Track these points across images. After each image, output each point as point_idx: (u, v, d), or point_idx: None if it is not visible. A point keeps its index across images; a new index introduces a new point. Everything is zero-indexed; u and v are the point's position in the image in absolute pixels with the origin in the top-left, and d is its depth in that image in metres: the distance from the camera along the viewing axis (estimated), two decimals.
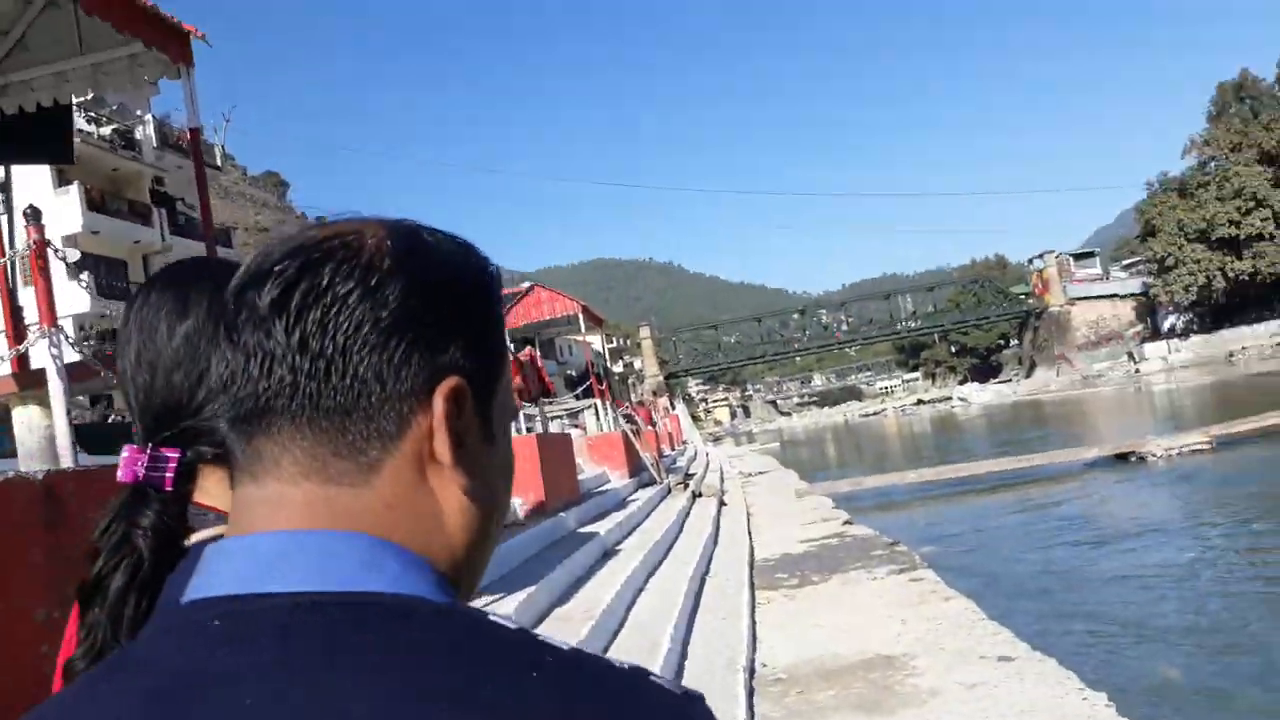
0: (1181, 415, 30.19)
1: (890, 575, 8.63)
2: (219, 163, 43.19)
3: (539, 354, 15.64)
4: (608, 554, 8.81)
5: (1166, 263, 77.73)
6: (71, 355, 4.10)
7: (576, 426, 19.69)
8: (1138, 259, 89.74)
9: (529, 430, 12.67)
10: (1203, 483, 15.77)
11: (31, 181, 31.38)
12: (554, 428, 15.84)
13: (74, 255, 32.61)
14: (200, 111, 5.40)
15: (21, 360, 5.21)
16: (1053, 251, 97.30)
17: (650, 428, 23.25)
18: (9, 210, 5.34)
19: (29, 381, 4.83)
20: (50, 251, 5.64)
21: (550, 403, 16.00)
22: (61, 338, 3.72)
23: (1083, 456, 20.25)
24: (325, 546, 0.55)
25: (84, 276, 4.08)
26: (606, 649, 5.79)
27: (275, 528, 0.56)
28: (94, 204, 32.57)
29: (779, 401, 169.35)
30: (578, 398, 19.51)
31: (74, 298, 28.36)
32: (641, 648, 5.61)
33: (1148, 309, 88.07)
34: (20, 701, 2.88)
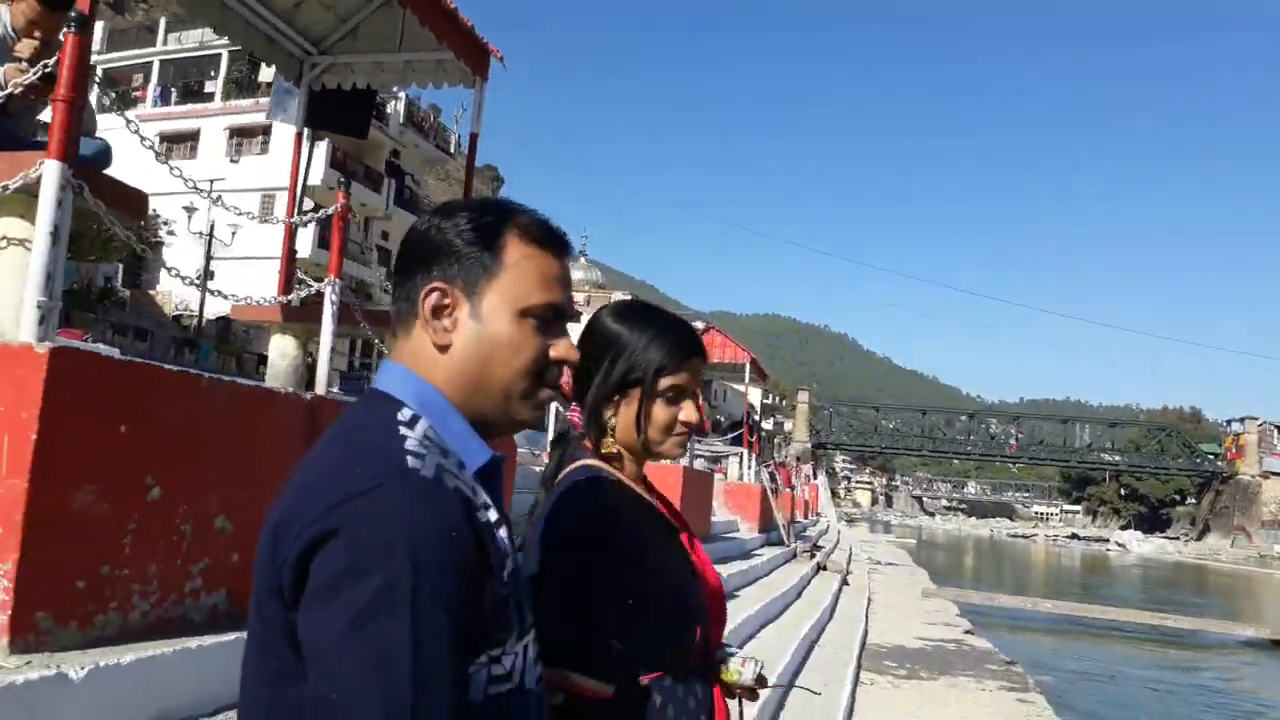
0: None
1: (1000, 690, 8.61)
2: (451, 149, 46.17)
3: (718, 397, 16.16)
4: (728, 595, 9.17)
5: None
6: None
7: (718, 470, 20.06)
8: None
9: (692, 459, 13.17)
10: None
11: (290, 135, 34.57)
12: (697, 465, 16.26)
13: (308, 204, 35.81)
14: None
15: (287, 287, 6.10)
16: (1255, 418, 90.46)
17: (789, 490, 23.33)
18: (307, 168, 6.25)
19: (292, 316, 5.70)
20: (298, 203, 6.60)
21: (700, 441, 16.46)
22: (336, 286, 4.45)
23: (1238, 633, 19.00)
24: (388, 368, 1.13)
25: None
26: None
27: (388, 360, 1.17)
28: (336, 162, 35.48)
29: (925, 499, 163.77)
30: (727, 443, 19.88)
31: (301, 244, 31.23)
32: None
33: None
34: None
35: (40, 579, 2.69)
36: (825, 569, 16.30)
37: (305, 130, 6.53)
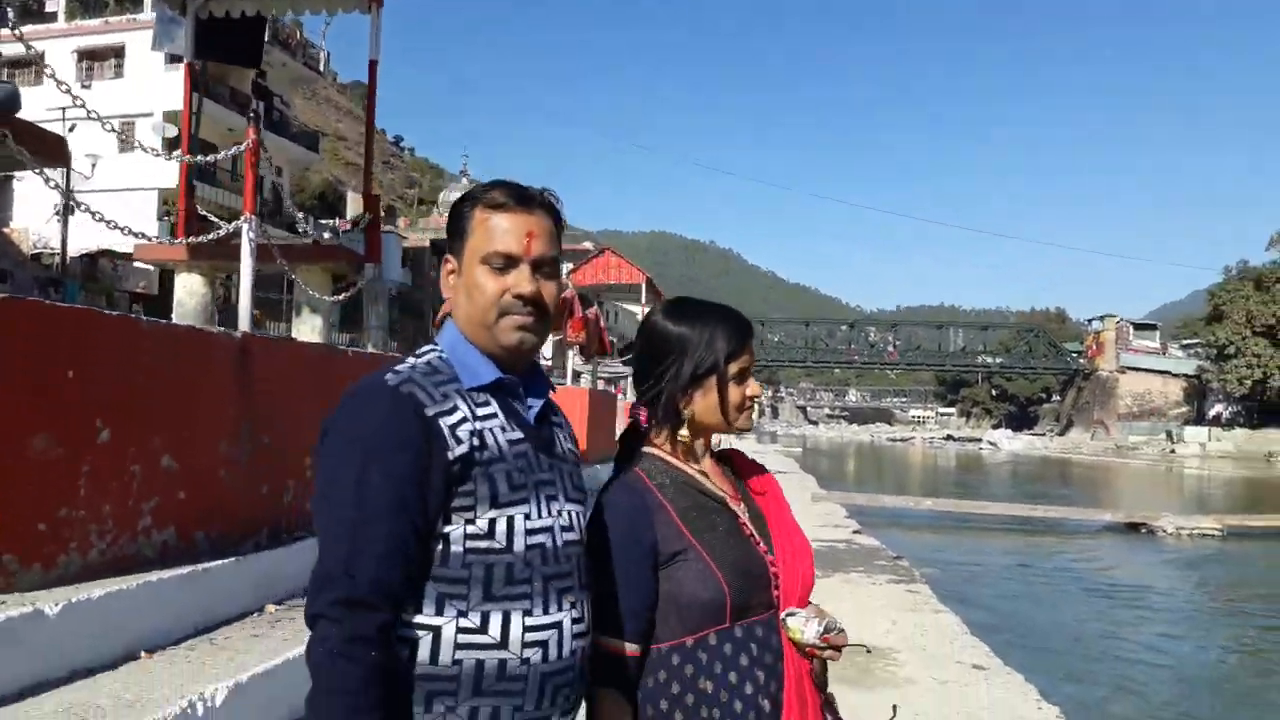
0: (1208, 502, 30.28)
1: (889, 583, 9.30)
2: (320, 68, 44.20)
3: (609, 317, 16.39)
4: None
5: (1226, 350, 76.61)
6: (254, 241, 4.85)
7: (616, 390, 20.45)
8: (1198, 341, 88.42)
9: (592, 382, 13.45)
10: (1203, 565, 16.21)
11: (148, 57, 32.65)
12: (598, 386, 16.53)
13: (171, 132, 33.89)
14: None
15: (186, 228, 6.00)
16: (1114, 316, 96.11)
17: None
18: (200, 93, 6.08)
19: (200, 254, 5.64)
20: (150, 127, 6.42)
21: (602, 363, 16.73)
22: (253, 223, 4.47)
23: (1097, 518, 20.67)
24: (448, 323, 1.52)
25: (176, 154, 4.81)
26: None
27: None
28: (198, 84, 33.61)
29: (809, 409, 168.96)
30: (625, 364, 20.23)
31: (162, 172, 29.64)
32: None
33: (1197, 392, 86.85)
34: (207, 505, 3.68)
35: (3, 524, 2.77)
36: None
37: (196, 63, 6.33)
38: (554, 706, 1.38)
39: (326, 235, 8.03)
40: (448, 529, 1.33)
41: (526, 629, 1.34)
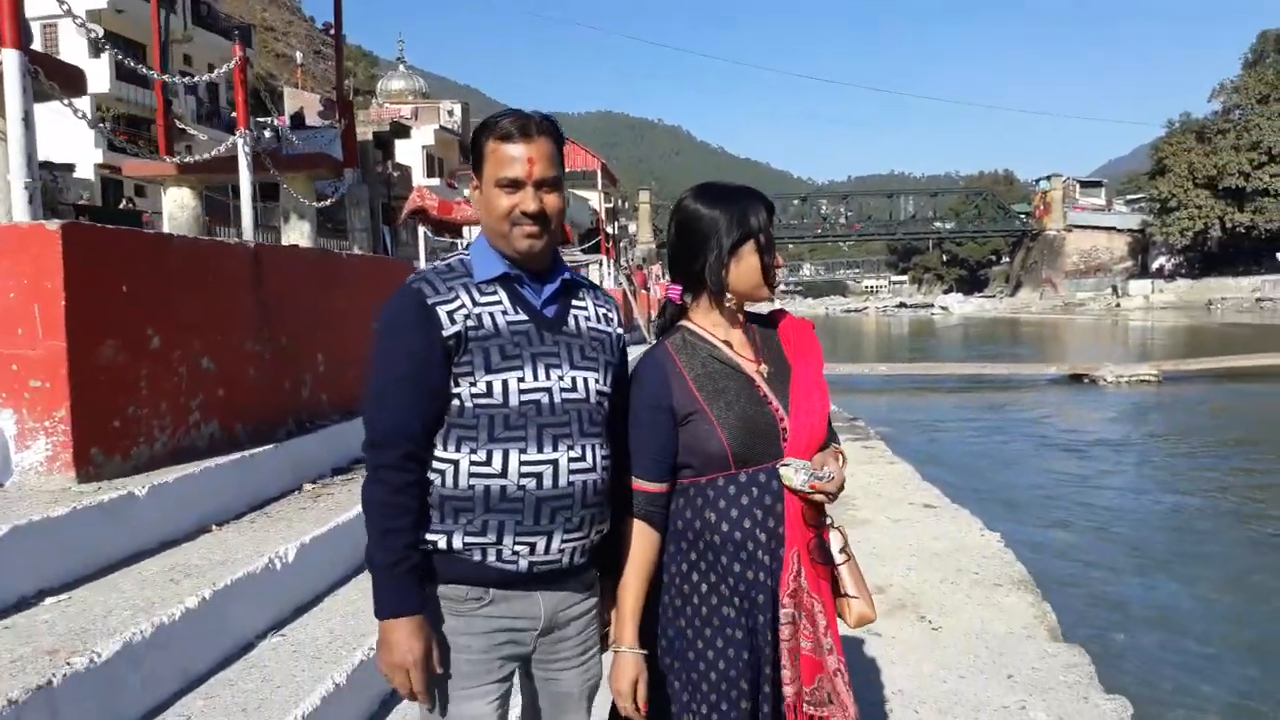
0: (1149, 351, 31.60)
1: (847, 441, 10.00)
2: None
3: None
4: None
5: (1169, 204, 78.08)
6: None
7: None
8: (1141, 196, 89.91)
9: None
10: (1140, 408, 17.31)
11: None
12: None
13: (97, 31, 32.53)
14: None
15: (168, 145, 6.23)
16: (1061, 175, 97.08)
17: (645, 291, 24.36)
18: None
19: (188, 168, 5.89)
20: (75, 24, 6.49)
21: (565, 251, 17.05)
22: (247, 138, 4.77)
23: (1042, 372, 21.73)
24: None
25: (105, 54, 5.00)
26: None
27: None
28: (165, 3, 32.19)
29: None
30: (585, 251, 20.55)
31: (94, 77, 28.66)
32: None
33: (1141, 246, 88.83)
34: (242, 400, 4.12)
35: (88, 421, 3.22)
36: None
37: None
38: (553, 524, 1.74)
39: (267, 134, 8.05)
40: (458, 389, 1.72)
41: (522, 463, 1.72)
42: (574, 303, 1.86)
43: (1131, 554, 8.07)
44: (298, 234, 6.16)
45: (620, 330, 1.94)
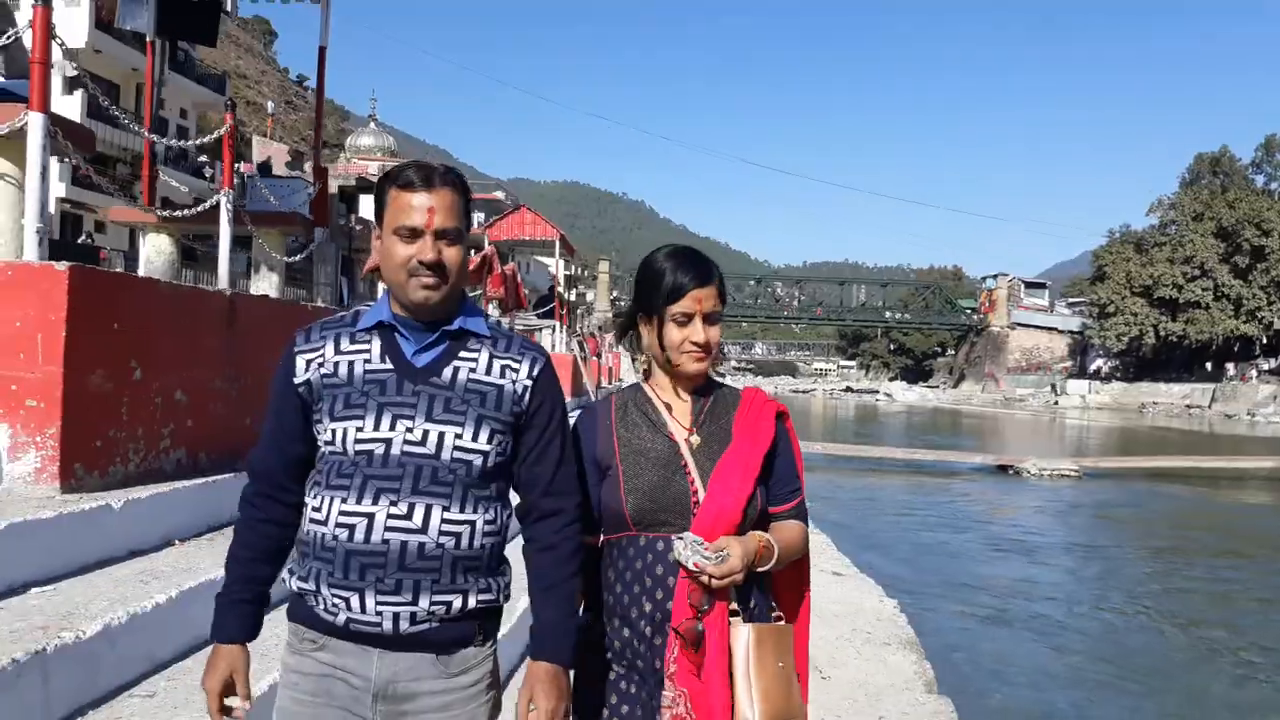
0: (1084, 448, 32.75)
1: None
2: (226, 6, 43.00)
3: (523, 270, 17.21)
4: None
5: (1107, 309, 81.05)
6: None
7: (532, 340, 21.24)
8: (1083, 300, 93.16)
9: None
10: (1054, 499, 18.14)
11: None
12: None
13: (72, 71, 32.84)
14: None
15: (150, 195, 6.69)
16: (1007, 275, 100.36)
17: (596, 358, 24.88)
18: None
19: (162, 217, 6.35)
20: (70, 68, 6.92)
21: (518, 315, 17.56)
22: (230, 196, 5.25)
23: (969, 460, 22.57)
24: None
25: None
26: None
27: None
28: (101, 23, 32.66)
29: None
30: (539, 316, 21.06)
31: (64, 110, 28.92)
32: None
33: (1080, 348, 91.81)
34: (208, 431, 4.53)
35: (74, 440, 3.64)
36: None
37: (157, 40, 6.93)
38: (363, 582, 1.64)
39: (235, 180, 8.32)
40: (319, 436, 1.73)
41: (340, 513, 1.66)
42: (462, 353, 1.76)
43: (1018, 623, 8.68)
44: (266, 284, 6.59)
45: (529, 383, 1.78)
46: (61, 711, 2.58)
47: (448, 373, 1.73)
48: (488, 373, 1.75)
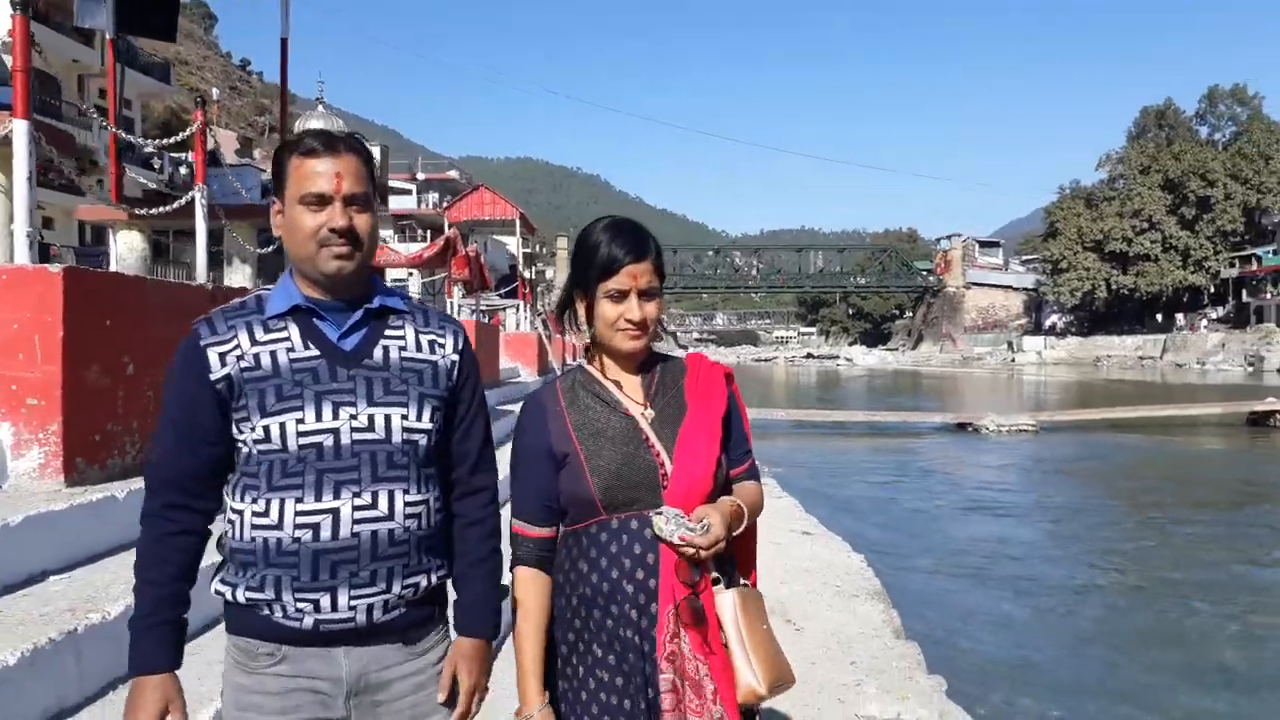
0: (1039, 403, 33.56)
1: None
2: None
3: (483, 251, 17.34)
4: None
5: (1060, 265, 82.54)
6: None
7: (494, 322, 21.37)
8: (1036, 256, 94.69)
9: (473, 315, 14.37)
10: (1014, 454, 18.71)
11: None
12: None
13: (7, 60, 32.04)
14: None
15: (119, 192, 6.75)
16: (960, 235, 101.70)
17: (560, 336, 24.99)
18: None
19: (133, 213, 6.43)
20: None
21: (482, 296, 17.66)
22: (204, 192, 5.37)
23: (930, 419, 23.10)
24: None
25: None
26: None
27: None
28: (37, 13, 31.88)
29: (679, 334, 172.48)
30: (501, 296, 21.16)
31: None
32: None
33: (1035, 304, 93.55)
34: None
35: (75, 435, 3.79)
36: None
37: (115, 36, 6.96)
38: (335, 580, 1.58)
39: (183, 170, 8.13)
40: (241, 436, 1.60)
41: (298, 513, 1.57)
42: (387, 331, 1.71)
43: (984, 577, 9.10)
44: (240, 276, 6.68)
45: (456, 357, 1.77)
46: (94, 686, 2.76)
47: (378, 353, 1.67)
48: (418, 349, 1.71)
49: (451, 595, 1.83)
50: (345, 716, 1.66)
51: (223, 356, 1.60)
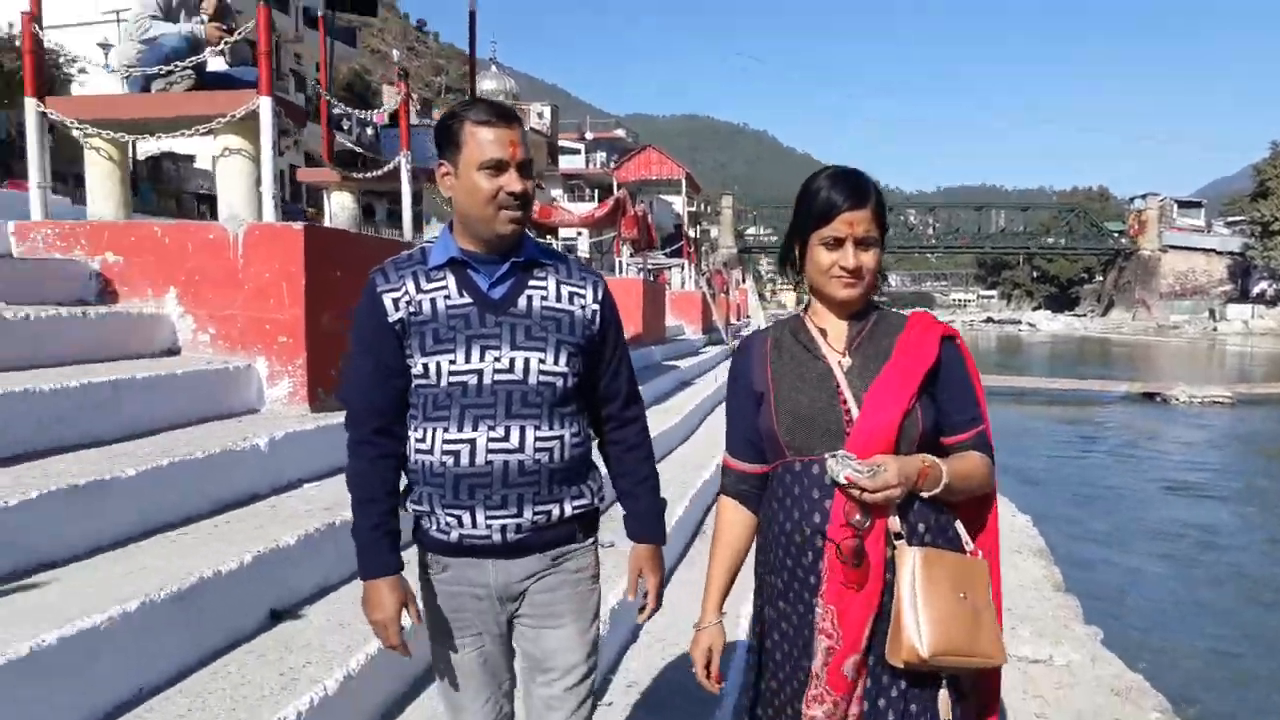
0: (1245, 375, 31.30)
1: None
2: None
3: (650, 210, 17.81)
4: (685, 383, 11.17)
5: (1271, 227, 75.83)
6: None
7: (661, 280, 21.82)
8: (1244, 219, 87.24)
9: (640, 273, 14.83)
10: (1206, 429, 17.67)
11: None
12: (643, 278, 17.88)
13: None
14: None
15: (330, 154, 7.47)
16: (1158, 195, 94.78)
17: (724, 295, 25.27)
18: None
19: (347, 175, 7.13)
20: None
21: (649, 255, 18.11)
22: (408, 158, 5.94)
23: (1114, 389, 22.07)
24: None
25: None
26: (687, 438, 8.17)
27: None
28: (331, 32, 34.30)
29: None
30: (667, 255, 21.57)
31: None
32: (710, 441, 7.96)
33: (1241, 270, 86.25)
34: None
35: (315, 368, 4.41)
36: None
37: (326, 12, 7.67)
38: (473, 500, 1.82)
39: (369, 131, 8.71)
40: (411, 371, 1.84)
41: (444, 441, 1.81)
42: (531, 283, 1.88)
43: (1152, 535, 8.85)
44: (436, 233, 7.23)
45: (596, 307, 1.93)
46: (349, 570, 3.30)
47: (523, 302, 1.84)
48: (558, 300, 1.88)
49: (615, 512, 2.12)
50: (505, 616, 1.93)
51: (395, 301, 1.84)
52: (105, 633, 2.27)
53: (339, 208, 7.26)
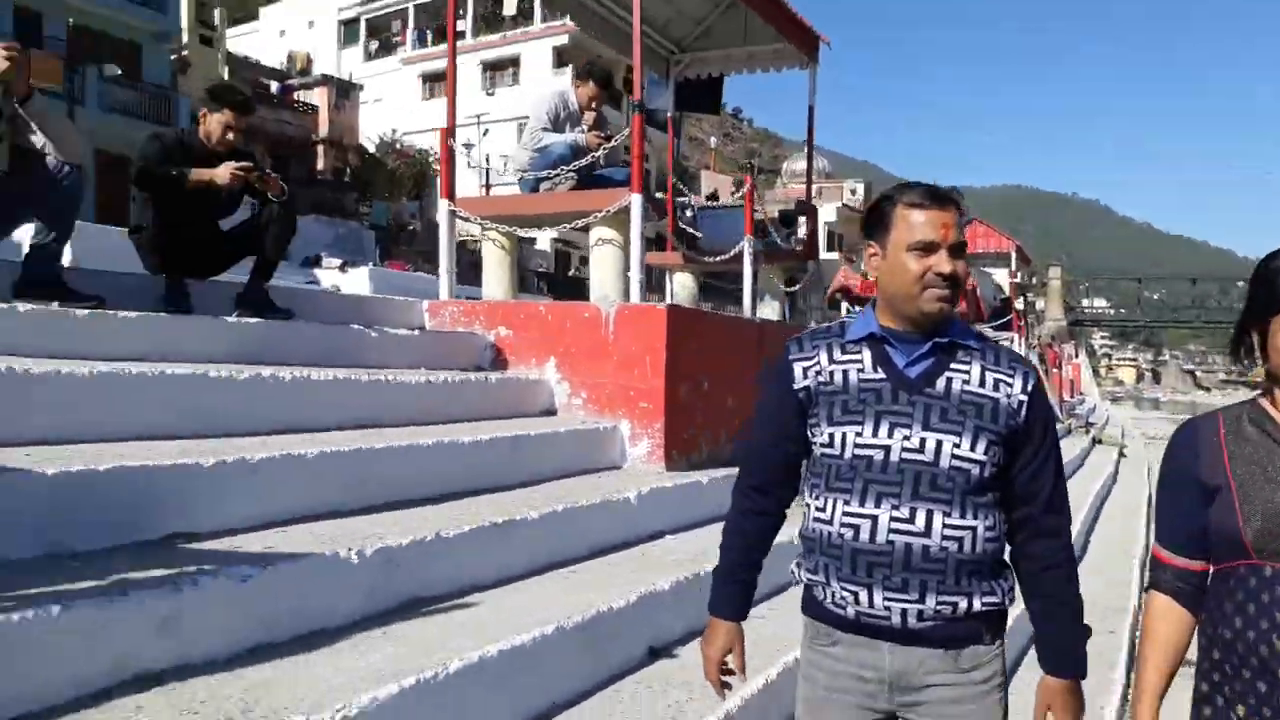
0: None
1: None
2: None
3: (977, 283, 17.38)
4: None
5: None
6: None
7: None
8: None
9: None
10: None
11: (538, 64, 37.56)
12: None
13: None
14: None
15: (674, 239, 8.08)
16: None
17: (1056, 370, 23.85)
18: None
19: (688, 259, 7.70)
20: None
21: (978, 328, 17.53)
22: (752, 242, 6.36)
23: None
24: None
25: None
26: None
27: None
28: (678, 132, 37.57)
29: (1199, 373, 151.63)
30: (994, 329, 20.74)
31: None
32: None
33: None
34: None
35: (672, 432, 4.86)
36: (1101, 442, 17.09)
37: (675, 114, 8.41)
38: (871, 579, 1.77)
39: (689, 213, 9.14)
40: (812, 440, 1.86)
41: (845, 514, 1.79)
42: (953, 365, 1.82)
43: None
44: (769, 310, 7.76)
45: (1024, 398, 1.81)
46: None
47: (941, 384, 1.78)
48: (981, 385, 1.79)
49: (1021, 627, 2.09)
50: (889, 702, 1.82)
51: (805, 370, 1.87)
52: (530, 650, 2.69)
53: (680, 287, 7.87)
